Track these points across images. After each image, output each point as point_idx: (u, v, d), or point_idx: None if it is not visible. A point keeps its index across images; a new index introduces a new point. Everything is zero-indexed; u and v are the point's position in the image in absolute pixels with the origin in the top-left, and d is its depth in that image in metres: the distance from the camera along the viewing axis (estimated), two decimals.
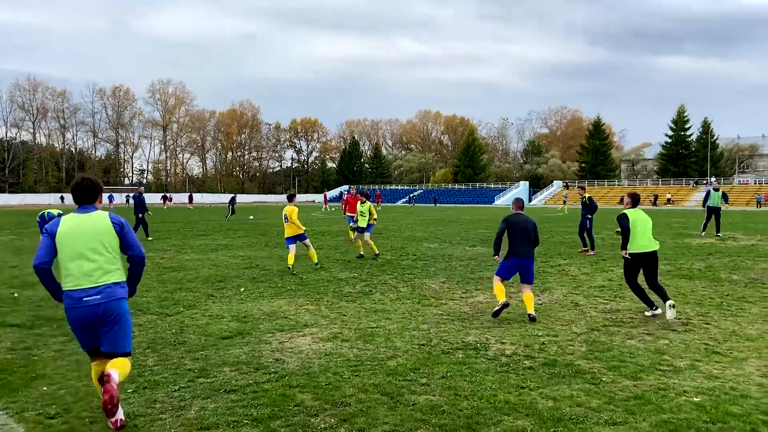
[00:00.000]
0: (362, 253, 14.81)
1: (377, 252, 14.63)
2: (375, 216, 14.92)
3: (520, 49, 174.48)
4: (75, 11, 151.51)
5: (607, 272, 11.95)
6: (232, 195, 43.00)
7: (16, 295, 9.35)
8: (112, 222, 4.35)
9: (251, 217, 37.89)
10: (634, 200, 8.40)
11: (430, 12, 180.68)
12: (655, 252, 8.02)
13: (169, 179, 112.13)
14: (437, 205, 78.26)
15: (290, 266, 12.06)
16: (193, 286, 10.28)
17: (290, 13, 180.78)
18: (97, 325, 4.21)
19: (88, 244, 4.21)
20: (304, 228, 12.72)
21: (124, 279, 4.44)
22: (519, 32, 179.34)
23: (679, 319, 7.64)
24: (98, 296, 4.17)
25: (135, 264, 4.52)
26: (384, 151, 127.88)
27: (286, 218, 12.50)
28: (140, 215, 19.95)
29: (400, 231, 24.62)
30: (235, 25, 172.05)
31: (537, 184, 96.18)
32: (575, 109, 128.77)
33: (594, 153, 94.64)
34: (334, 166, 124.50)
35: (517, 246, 8.09)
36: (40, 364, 5.67)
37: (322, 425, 4.24)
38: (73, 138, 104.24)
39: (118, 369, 4.14)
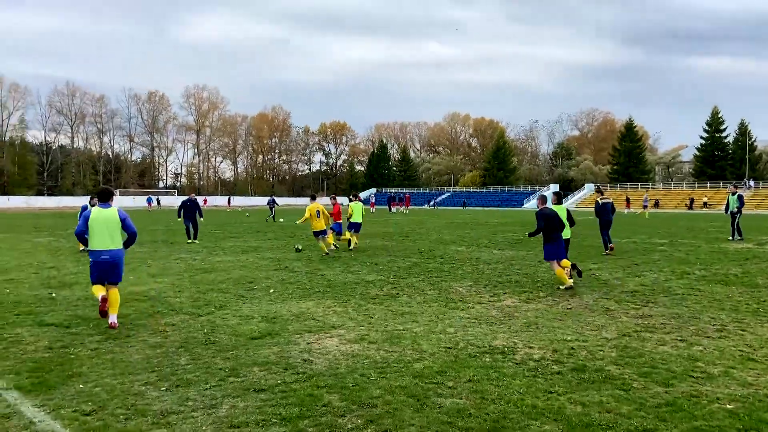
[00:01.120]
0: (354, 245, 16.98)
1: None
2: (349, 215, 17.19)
3: (549, 51, 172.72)
4: (114, 18, 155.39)
5: (640, 277, 11.75)
6: (271, 197, 43.53)
7: (53, 295, 9.63)
8: (119, 214, 7.66)
9: (281, 219, 38.22)
10: (558, 197, 12.25)
11: (458, 15, 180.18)
12: (568, 239, 11.94)
13: (201, 182, 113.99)
14: (466, 207, 77.88)
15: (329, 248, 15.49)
16: (224, 287, 10.45)
17: (319, 17, 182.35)
18: (106, 268, 7.55)
19: (105, 226, 7.54)
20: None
21: (122, 246, 7.73)
22: (549, 33, 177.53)
23: (714, 325, 7.48)
24: (108, 256, 7.53)
25: (129, 236, 7.89)
26: (412, 154, 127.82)
27: (318, 213, 15.00)
28: (188, 219, 19.91)
29: (428, 234, 24.59)
30: (266, 30, 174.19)
31: (567, 187, 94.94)
32: (607, 111, 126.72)
33: (626, 155, 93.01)
34: (363, 169, 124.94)
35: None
36: (76, 363, 5.83)
37: (349, 426, 4.28)
38: (110, 142, 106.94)
39: (114, 306, 7.42)
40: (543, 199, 11.04)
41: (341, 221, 18.61)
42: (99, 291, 7.47)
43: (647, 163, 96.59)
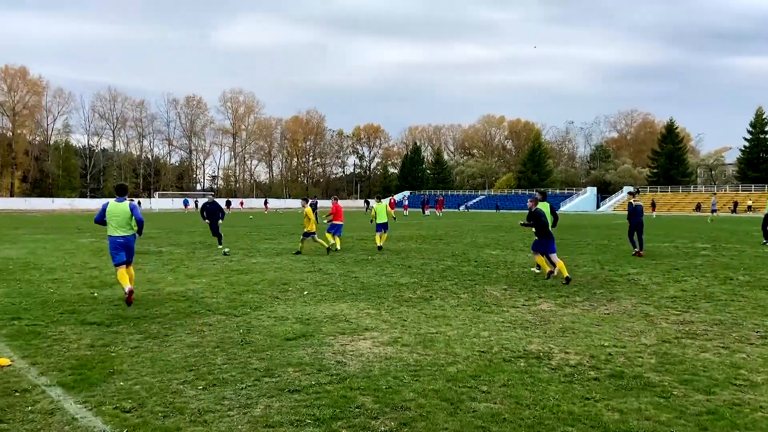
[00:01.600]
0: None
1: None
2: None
3: (587, 52, 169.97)
4: (154, 24, 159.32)
5: (681, 282, 11.46)
6: (314, 199, 44.08)
7: (95, 294, 9.90)
8: (130, 206, 9.21)
9: (325, 221, 38.41)
10: (543, 195, 13.41)
11: (493, 16, 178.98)
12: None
13: (237, 185, 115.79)
14: (499, 210, 77.17)
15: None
16: (260, 289, 10.58)
17: (354, 21, 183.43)
18: (122, 247, 9.13)
19: (119, 216, 9.15)
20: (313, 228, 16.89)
21: (133, 232, 9.29)
22: (586, 34, 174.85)
23: (757, 332, 7.25)
24: (123, 239, 9.16)
25: (138, 223, 9.24)
26: (446, 157, 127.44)
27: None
28: (211, 222, 19.28)
29: (461, 237, 24.45)
30: (302, 34, 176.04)
31: (605, 190, 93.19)
32: (647, 112, 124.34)
33: (667, 158, 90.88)
34: (396, 171, 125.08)
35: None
36: (117, 361, 5.98)
37: (383, 428, 4.28)
38: (150, 145, 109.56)
39: (131, 280, 9.22)
40: (536, 201, 12.49)
41: (341, 222, 18.89)
42: (124, 279, 9.01)
43: (689, 166, 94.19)
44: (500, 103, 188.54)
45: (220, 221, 19.38)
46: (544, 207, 12.75)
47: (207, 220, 19.59)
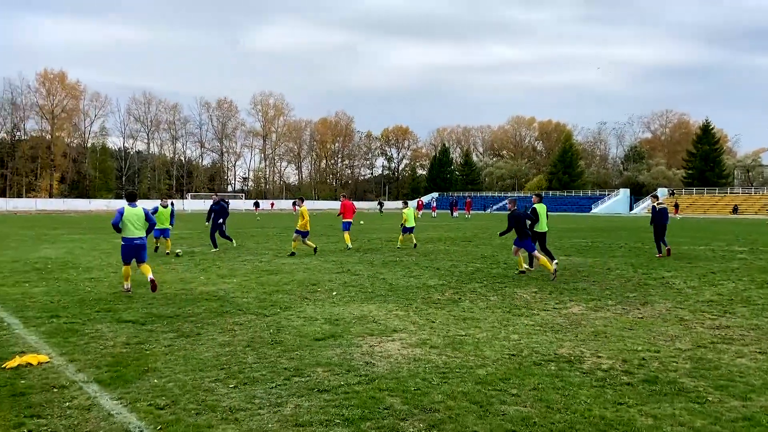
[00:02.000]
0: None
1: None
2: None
3: (619, 51, 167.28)
4: (187, 29, 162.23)
5: (717, 286, 11.19)
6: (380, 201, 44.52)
7: (130, 294, 10.12)
8: (143, 211, 10.34)
9: (361, 222, 38.62)
10: (540, 197, 14.27)
11: (524, 16, 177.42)
12: (547, 231, 13.71)
13: (267, 186, 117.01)
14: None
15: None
16: (289, 289, 10.68)
17: (383, 23, 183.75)
18: (137, 249, 10.21)
19: (134, 219, 10.17)
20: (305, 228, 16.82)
21: (145, 234, 10.33)
22: (619, 33, 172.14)
23: None
24: (139, 240, 10.20)
25: (150, 226, 10.43)
26: (475, 158, 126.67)
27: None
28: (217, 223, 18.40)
29: (491, 239, 24.27)
30: (330, 37, 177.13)
31: (639, 191, 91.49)
32: (682, 112, 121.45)
33: (702, 159, 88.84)
34: (424, 173, 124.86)
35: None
36: (151, 358, 6.11)
37: (411, 429, 4.28)
38: (183, 147, 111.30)
39: (149, 272, 10.18)
40: (513, 202, 13.20)
41: (351, 220, 19.73)
42: (128, 273, 10.29)
43: (725, 167, 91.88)
44: (530, 104, 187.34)
45: (222, 223, 18.49)
46: (542, 208, 13.74)
47: (208, 222, 18.85)
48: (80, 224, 37.05)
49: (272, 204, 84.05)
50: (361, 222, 41.00)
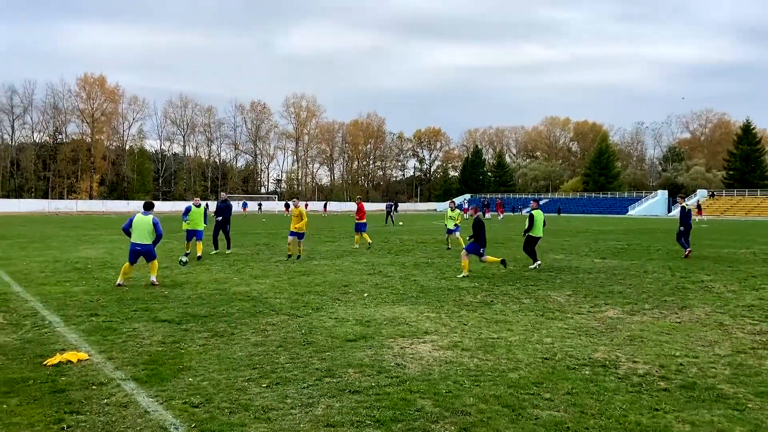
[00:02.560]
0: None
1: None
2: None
3: (657, 50, 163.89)
4: (222, 33, 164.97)
5: (758, 290, 10.85)
6: (392, 201, 44.44)
7: (166, 293, 10.32)
8: (152, 220, 11.02)
9: (401, 223, 38.76)
10: (538, 203, 15.30)
11: (558, 15, 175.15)
12: (541, 236, 14.96)
13: (300, 188, 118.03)
14: (561, 215, 75.29)
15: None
16: (321, 290, 10.75)
17: (415, 24, 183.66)
18: (138, 254, 10.97)
19: (142, 227, 11.02)
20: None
21: (151, 241, 11.10)
22: (656, 32, 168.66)
23: None
24: (140, 247, 10.96)
25: (156, 236, 11.11)
26: (507, 159, 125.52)
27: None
28: (219, 227, 17.89)
29: (523, 241, 23.97)
30: (363, 39, 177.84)
31: (677, 193, 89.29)
32: (722, 112, 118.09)
33: (743, 160, 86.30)
34: (456, 174, 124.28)
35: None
36: (186, 357, 6.22)
37: None
38: (218, 150, 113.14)
39: (153, 271, 11.26)
40: (475, 209, 14.52)
41: (364, 221, 20.77)
42: (129, 271, 11.17)
43: (767, 168, 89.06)
44: (565, 105, 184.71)
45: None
46: (539, 215, 14.94)
47: (219, 218, 18.07)
48: (119, 225, 37.93)
49: (306, 205, 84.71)
50: (401, 223, 41.21)
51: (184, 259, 14.56)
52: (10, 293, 10.18)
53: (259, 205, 66.71)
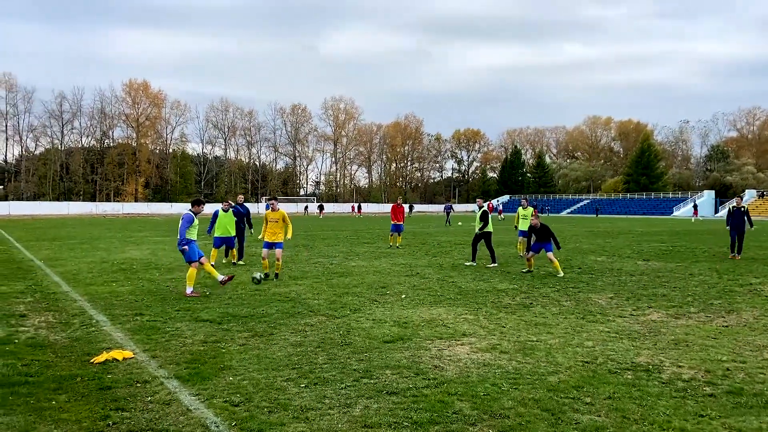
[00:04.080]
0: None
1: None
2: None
3: (702, 47, 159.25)
4: (262, 38, 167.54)
5: None
6: (448, 204, 45.65)
7: (208, 293, 10.54)
8: (182, 217, 10.72)
9: (459, 223, 38.68)
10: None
11: (598, 13, 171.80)
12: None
13: (338, 190, 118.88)
14: (598, 216, 73.65)
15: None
16: (359, 291, 10.80)
17: (453, 25, 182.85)
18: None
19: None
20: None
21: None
22: (701, 28, 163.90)
23: None
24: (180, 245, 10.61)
25: (179, 237, 10.68)
26: (548, 160, 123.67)
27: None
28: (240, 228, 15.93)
29: (564, 242, 23.61)
30: (401, 41, 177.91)
31: (724, 193, 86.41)
32: None
33: None
34: (495, 176, 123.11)
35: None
36: (227, 357, 6.33)
37: None
38: (258, 152, 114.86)
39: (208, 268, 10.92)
40: (536, 213, 15.99)
41: (401, 222, 21.24)
42: (194, 274, 10.74)
43: None
44: (606, 104, 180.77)
45: (251, 231, 16.22)
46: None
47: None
48: (163, 227, 38.92)
49: (353, 207, 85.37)
50: (459, 223, 41.34)
51: (258, 275, 11.84)
52: (59, 293, 10.55)
53: (320, 207, 68.25)
